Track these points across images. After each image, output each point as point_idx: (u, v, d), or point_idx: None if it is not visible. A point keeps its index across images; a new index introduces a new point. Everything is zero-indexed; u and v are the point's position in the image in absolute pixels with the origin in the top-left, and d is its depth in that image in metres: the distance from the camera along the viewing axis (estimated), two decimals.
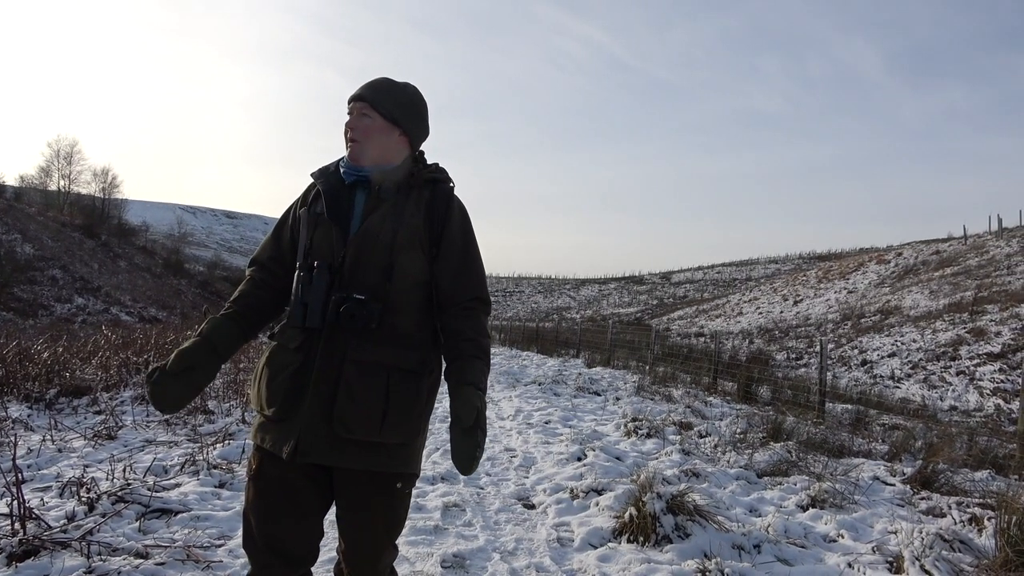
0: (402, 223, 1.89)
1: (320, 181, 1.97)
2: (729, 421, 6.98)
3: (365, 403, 1.78)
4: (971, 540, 3.40)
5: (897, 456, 5.77)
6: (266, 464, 1.86)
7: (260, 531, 1.87)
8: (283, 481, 1.85)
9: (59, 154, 61.04)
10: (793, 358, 19.21)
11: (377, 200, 1.92)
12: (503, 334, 28.81)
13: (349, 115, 1.97)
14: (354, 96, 1.96)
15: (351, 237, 1.88)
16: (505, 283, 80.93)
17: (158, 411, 1.79)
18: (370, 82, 1.99)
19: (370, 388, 1.79)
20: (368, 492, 1.86)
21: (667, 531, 3.47)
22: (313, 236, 1.91)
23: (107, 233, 53.39)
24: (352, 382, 1.79)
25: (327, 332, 1.82)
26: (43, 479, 4.12)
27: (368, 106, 1.94)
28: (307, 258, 1.90)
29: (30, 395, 6.48)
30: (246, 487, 1.92)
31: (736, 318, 31.84)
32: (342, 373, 1.80)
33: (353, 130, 1.94)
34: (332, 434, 1.78)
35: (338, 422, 1.77)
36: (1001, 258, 25.04)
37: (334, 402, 1.78)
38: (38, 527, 3.12)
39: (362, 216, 1.92)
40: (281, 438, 1.82)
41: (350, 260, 1.86)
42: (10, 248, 37.72)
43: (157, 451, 4.93)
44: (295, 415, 1.81)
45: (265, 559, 1.88)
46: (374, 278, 1.85)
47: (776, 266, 65.23)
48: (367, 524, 1.90)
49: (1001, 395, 12.29)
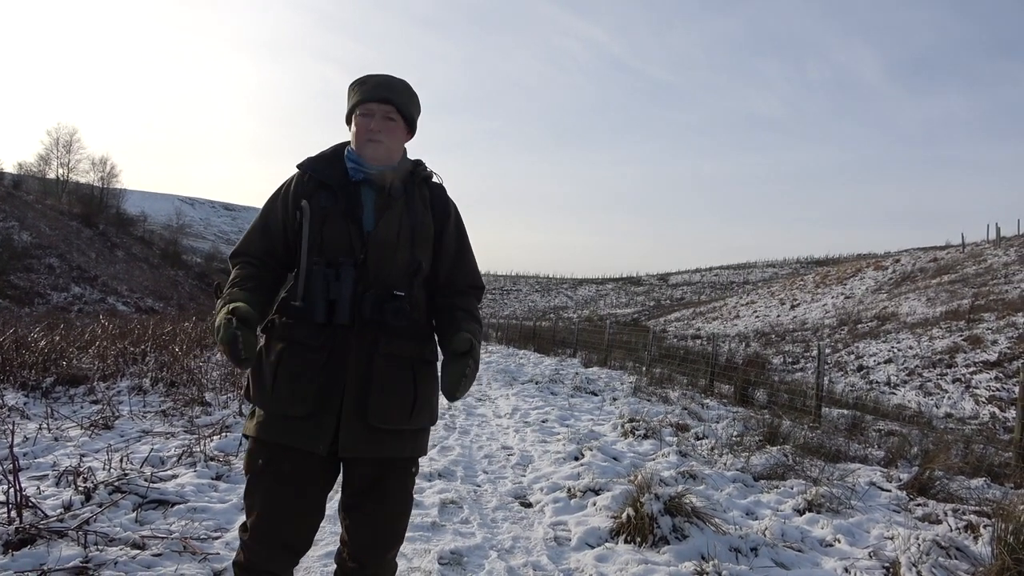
0: (417, 222, 1.96)
1: (319, 175, 1.95)
2: (726, 424, 6.99)
3: (397, 394, 1.88)
4: (967, 547, 3.40)
5: (893, 462, 5.78)
6: (278, 460, 1.86)
7: (271, 526, 1.88)
8: (297, 476, 1.87)
9: (58, 142, 60.81)
10: (790, 362, 19.24)
11: (388, 198, 1.96)
12: (500, 332, 28.82)
13: (368, 115, 1.95)
14: (379, 97, 1.95)
15: (370, 235, 1.90)
16: (502, 281, 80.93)
17: (238, 364, 1.73)
18: (390, 83, 1.98)
19: (400, 380, 1.90)
20: (391, 478, 1.95)
21: (665, 532, 3.46)
22: (323, 232, 1.89)
23: (105, 223, 53.23)
24: (384, 375, 1.87)
25: (358, 328, 1.86)
26: (39, 468, 4.10)
27: (395, 110, 1.97)
28: (320, 254, 1.88)
29: (27, 383, 6.46)
30: (252, 483, 1.91)
31: (733, 321, 31.89)
32: (373, 367, 1.86)
33: (379, 132, 1.95)
34: (368, 427, 1.86)
35: (373, 414, 1.85)
36: (999, 267, 25.11)
37: (368, 395, 1.85)
38: (34, 516, 3.11)
39: (375, 214, 1.94)
40: (313, 435, 1.84)
41: (374, 258, 1.89)
42: (7, 236, 37.60)
43: (154, 442, 4.92)
44: (328, 411, 1.84)
45: (269, 552, 1.89)
46: (399, 275, 1.92)
47: (774, 270, 65.34)
48: (390, 510, 1.97)
49: (997, 403, 12.33)
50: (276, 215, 1.97)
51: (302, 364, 1.84)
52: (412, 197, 1.99)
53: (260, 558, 1.89)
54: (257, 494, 1.89)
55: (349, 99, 2.01)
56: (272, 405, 1.86)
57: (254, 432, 1.90)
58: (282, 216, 1.96)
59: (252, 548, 1.89)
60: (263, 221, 2.00)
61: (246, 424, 1.95)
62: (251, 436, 1.91)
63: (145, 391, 6.80)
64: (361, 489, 1.94)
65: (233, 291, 1.85)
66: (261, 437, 1.88)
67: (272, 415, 1.86)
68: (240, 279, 1.90)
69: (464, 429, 6.52)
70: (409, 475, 2.00)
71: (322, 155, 2.03)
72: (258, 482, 1.89)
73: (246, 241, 2.00)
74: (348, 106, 2.01)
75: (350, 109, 2.00)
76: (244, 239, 2.00)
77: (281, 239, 1.96)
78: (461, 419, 7.08)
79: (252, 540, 1.89)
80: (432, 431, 6.54)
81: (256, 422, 1.90)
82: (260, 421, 1.89)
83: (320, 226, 1.90)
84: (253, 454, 1.91)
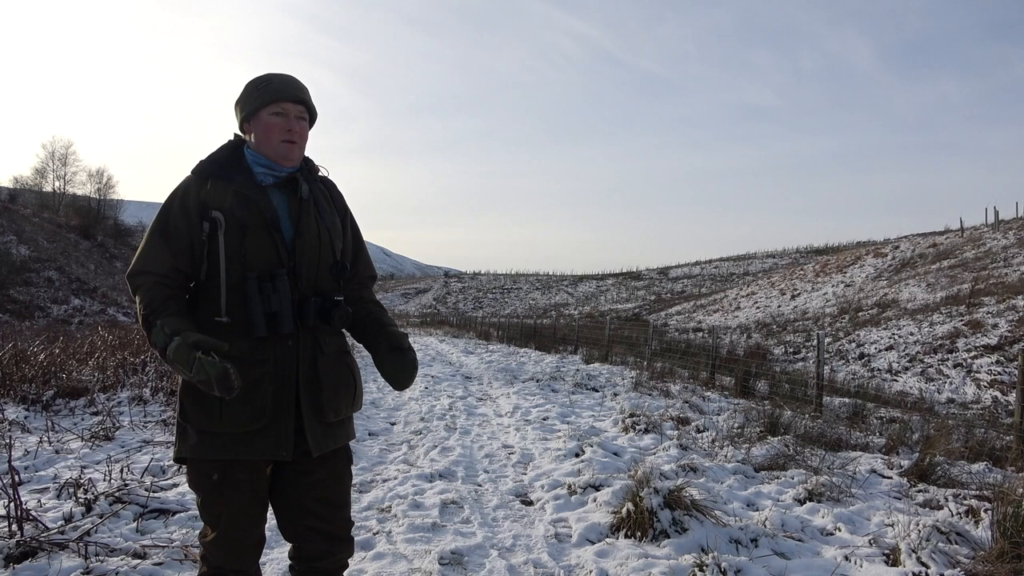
0: (330, 223, 2.00)
1: (229, 181, 1.86)
2: (727, 416, 7.00)
3: (343, 387, 1.99)
4: (968, 532, 3.41)
5: (894, 449, 5.79)
6: (233, 471, 1.86)
7: (239, 532, 1.91)
8: (252, 482, 1.90)
9: (54, 155, 60.67)
10: (791, 352, 19.24)
11: (299, 201, 1.94)
12: (501, 331, 28.80)
13: (283, 115, 1.91)
14: (294, 97, 1.93)
15: (295, 242, 1.89)
16: (502, 280, 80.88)
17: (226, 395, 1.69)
18: (299, 83, 1.97)
19: (342, 374, 2.00)
20: (341, 465, 2.04)
21: (664, 526, 3.47)
22: (245, 243, 1.83)
23: (103, 234, 53.32)
24: (330, 373, 1.95)
25: (302, 334, 1.89)
26: (40, 480, 4.12)
27: (306, 110, 1.98)
28: (244, 267, 1.82)
29: (27, 397, 6.48)
30: (210, 498, 1.89)
31: (734, 313, 31.87)
32: (319, 367, 1.92)
33: (295, 132, 1.93)
34: (324, 423, 1.93)
35: (329, 410, 1.93)
36: (998, 250, 25.08)
37: (320, 393, 1.92)
38: (35, 528, 3.12)
39: (290, 219, 1.91)
40: (275, 444, 1.85)
41: (302, 265, 1.90)
42: (5, 250, 37.60)
43: (155, 451, 4.93)
44: (284, 419, 1.87)
45: (242, 560, 1.94)
46: (326, 278, 1.97)
47: (773, 260, 65.27)
48: (344, 495, 2.06)
49: (998, 387, 12.32)
50: (178, 227, 1.83)
51: (251, 381, 1.81)
52: (317, 198, 1.99)
53: (229, 561, 1.92)
54: (218, 507, 1.89)
55: (250, 98, 1.93)
56: (223, 425, 1.82)
57: (201, 454, 1.84)
58: (185, 228, 1.83)
59: (219, 555, 1.92)
60: (161, 235, 1.84)
61: (179, 447, 1.88)
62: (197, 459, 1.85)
63: (145, 401, 6.81)
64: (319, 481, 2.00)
65: (168, 319, 1.76)
66: (212, 457, 1.84)
67: (219, 434, 1.82)
68: (160, 302, 1.80)
69: (465, 429, 6.53)
70: (351, 457, 2.11)
71: (219, 159, 1.93)
72: (218, 496, 1.88)
73: (146, 258, 1.83)
74: (249, 105, 1.93)
75: (254, 108, 1.92)
76: (143, 256, 1.84)
77: (187, 253, 1.84)
78: (462, 419, 7.08)
79: (219, 549, 1.91)
80: (433, 432, 6.57)
81: (198, 443, 1.83)
82: (207, 441, 1.83)
83: (239, 238, 1.83)
84: (204, 471, 1.86)
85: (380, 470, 4.88)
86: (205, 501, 1.90)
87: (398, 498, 4.14)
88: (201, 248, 1.84)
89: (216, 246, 1.82)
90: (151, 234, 1.86)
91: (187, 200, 1.85)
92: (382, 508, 3.97)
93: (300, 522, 1.99)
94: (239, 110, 1.97)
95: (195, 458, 1.86)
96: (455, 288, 79.28)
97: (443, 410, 7.64)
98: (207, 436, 1.83)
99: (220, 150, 1.96)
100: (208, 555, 1.93)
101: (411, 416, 7.22)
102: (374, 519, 3.75)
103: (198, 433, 1.84)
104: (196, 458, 1.86)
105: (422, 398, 8.62)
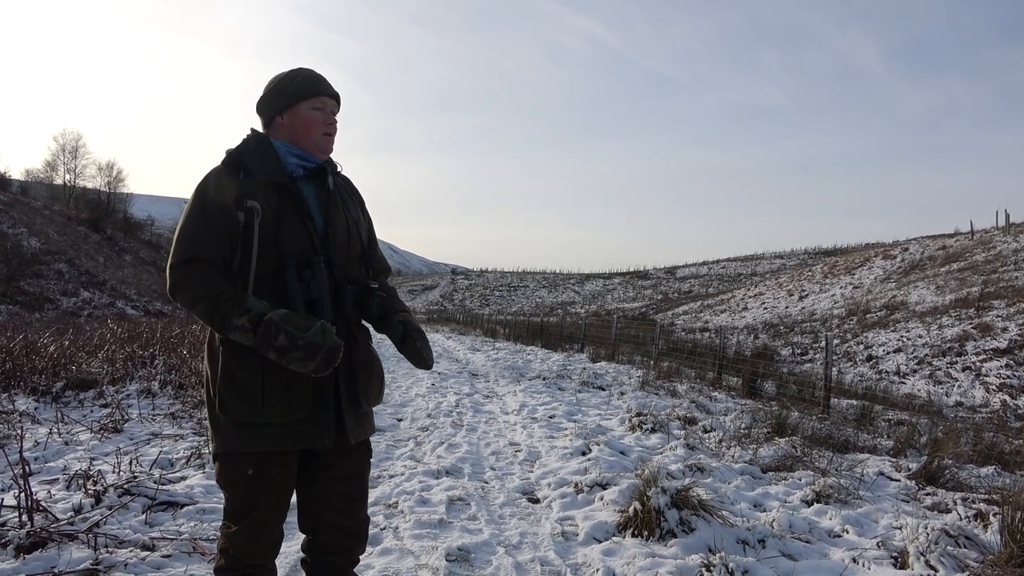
0: (356, 214, 2.06)
1: (264, 172, 1.87)
2: (734, 416, 6.97)
3: (374, 376, 2.06)
4: (976, 536, 3.39)
5: (902, 452, 5.76)
6: (266, 467, 1.87)
7: (266, 528, 1.92)
8: (284, 478, 1.92)
9: (64, 148, 60.97)
10: (798, 353, 19.16)
11: (327, 193, 1.99)
12: (507, 328, 28.81)
13: (321, 109, 1.97)
14: (332, 93, 2.01)
15: (329, 232, 1.93)
16: (509, 278, 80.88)
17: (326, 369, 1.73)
18: (325, 79, 2.01)
19: (374, 362, 2.07)
20: (364, 458, 2.09)
21: (671, 525, 3.47)
22: (280, 233, 1.84)
23: (112, 227, 53.53)
24: (364, 361, 2.02)
25: (339, 323, 1.90)
26: (50, 472, 4.14)
27: (337, 105, 2.04)
28: (280, 255, 1.84)
29: (37, 388, 6.52)
30: (243, 494, 1.88)
31: (741, 313, 31.77)
32: (353, 356, 1.95)
33: (334, 126, 2.01)
34: (359, 412, 1.98)
35: (364, 399, 1.99)
36: (1008, 253, 24.89)
37: (356, 382, 1.96)
38: (45, 519, 3.15)
39: (320, 210, 1.95)
40: (313, 433, 1.88)
41: (340, 254, 1.95)
42: (16, 242, 37.85)
43: (163, 444, 4.95)
44: (325, 408, 1.89)
45: (263, 555, 1.96)
46: (356, 268, 2.02)
47: (781, 261, 64.99)
48: (365, 490, 2.10)
49: (1007, 391, 12.24)
50: (216, 215, 1.82)
51: (293, 370, 1.78)
52: (342, 190, 2.06)
53: (249, 555, 1.93)
54: (249, 503, 1.88)
55: (286, 92, 1.94)
56: (265, 416, 1.82)
57: (242, 447, 1.84)
58: (223, 217, 1.82)
59: (241, 549, 1.91)
60: (210, 222, 1.82)
61: (217, 442, 1.87)
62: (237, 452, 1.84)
63: (154, 394, 6.85)
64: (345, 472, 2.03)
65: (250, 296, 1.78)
66: (254, 450, 1.84)
67: (261, 425, 1.83)
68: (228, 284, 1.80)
69: (472, 426, 6.53)
70: (371, 450, 2.15)
71: (250, 149, 1.92)
72: (251, 491, 1.87)
73: (196, 243, 1.80)
74: (286, 99, 1.94)
75: (292, 101, 1.94)
76: (193, 240, 1.80)
77: (227, 241, 1.83)
78: (469, 416, 7.09)
79: (242, 542, 1.91)
80: (439, 429, 6.58)
81: (238, 436, 1.83)
82: (249, 434, 1.83)
83: (276, 227, 1.84)
84: (238, 466, 1.86)
85: (387, 466, 4.89)
86: (235, 496, 1.90)
87: (405, 494, 4.15)
88: (236, 237, 1.83)
89: (251, 235, 1.82)
90: (191, 222, 1.82)
91: (221, 189, 1.84)
92: (389, 504, 3.98)
93: (321, 516, 2.00)
94: (270, 103, 1.98)
95: (235, 452, 1.85)
96: (462, 285, 79.36)
97: (450, 407, 7.65)
98: (248, 428, 1.83)
99: (247, 142, 1.96)
100: (229, 547, 1.92)
101: (418, 412, 7.23)
102: (381, 515, 3.76)
103: (237, 426, 1.83)
104: (237, 451, 1.85)
105: (429, 394, 8.63)
